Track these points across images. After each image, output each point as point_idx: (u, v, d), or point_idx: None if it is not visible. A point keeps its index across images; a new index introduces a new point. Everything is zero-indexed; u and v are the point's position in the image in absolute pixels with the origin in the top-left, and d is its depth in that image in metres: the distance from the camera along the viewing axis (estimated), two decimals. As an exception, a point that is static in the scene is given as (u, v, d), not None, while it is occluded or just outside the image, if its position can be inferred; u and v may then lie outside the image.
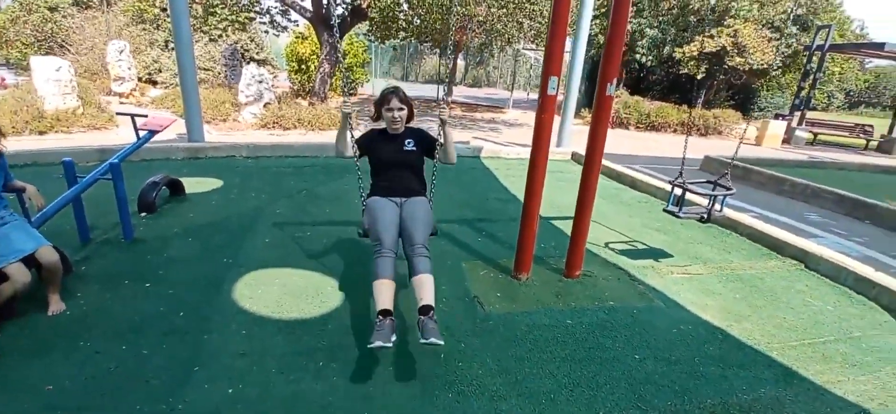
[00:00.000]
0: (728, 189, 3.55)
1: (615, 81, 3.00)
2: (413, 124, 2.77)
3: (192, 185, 4.71)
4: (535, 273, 3.26)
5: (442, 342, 2.03)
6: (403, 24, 13.12)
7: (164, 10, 14.64)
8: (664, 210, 3.62)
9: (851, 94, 33.43)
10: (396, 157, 2.64)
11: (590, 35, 8.71)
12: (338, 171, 5.80)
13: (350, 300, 2.78)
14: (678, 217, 3.49)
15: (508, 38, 13.55)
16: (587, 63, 13.84)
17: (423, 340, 2.02)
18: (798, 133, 14.15)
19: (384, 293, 2.18)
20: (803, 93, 14.65)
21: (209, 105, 9.04)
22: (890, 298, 3.14)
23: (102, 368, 2.07)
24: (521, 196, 5.34)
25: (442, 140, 2.66)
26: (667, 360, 2.42)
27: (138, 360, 2.14)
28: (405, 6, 10.72)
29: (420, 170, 2.73)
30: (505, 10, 11.29)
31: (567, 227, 4.29)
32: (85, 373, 2.03)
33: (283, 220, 4.04)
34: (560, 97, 6.81)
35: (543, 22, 12.84)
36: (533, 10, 11.24)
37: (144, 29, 14.79)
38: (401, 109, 2.60)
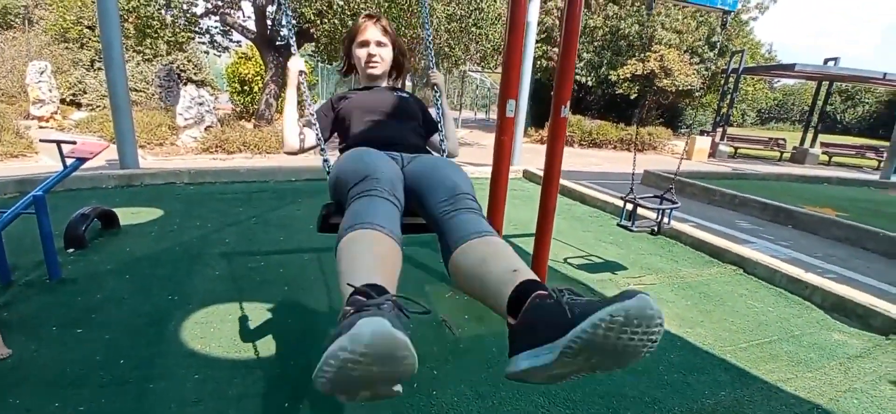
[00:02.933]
0: (673, 202, 3.76)
1: (568, 104, 3.11)
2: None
3: (127, 215, 4.34)
4: (501, 292, 3.26)
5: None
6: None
7: (90, 28, 13.66)
8: (618, 224, 3.77)
9: (762, 111, 37.04)
10: (389, 104, 1.73)
11: (534, 58, 9.08)
12: (290, 196, 5.58)
13: (311, 333, 2.64)
14: (631, 231, 3.65)
15: (455, 61, 13.83)
16: (531, 85, 14.44)
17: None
18: (721, 147, 15.42)
19: (371, 260, 0.98)
20: (723, 111, 16.06)
21: (143, 128, 8.46)
22: (823, 296, 3.43)
23: (29, 430, 1.81)
24: (478, 215, 5.41)
25: (439, 115, 1.79)
26: (633, 371, 2.48)
27: (73, 418, 1.90)
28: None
29: (422, 136, 1.79)
30: (450, 34, 11.53)
31: (526, 243, 4.37)
32: (7, 439, 1.76)
33: (233, 250, 3.80)
34: (510, 117, 7.05)
35: (488, 46, 13.24)
36: (479, 34, 11.56)
37: (67, 48, 13.71)
38: (381, 44, 1.76)
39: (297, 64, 1.71)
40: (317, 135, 1.65)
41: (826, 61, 15.04)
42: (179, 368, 2.25)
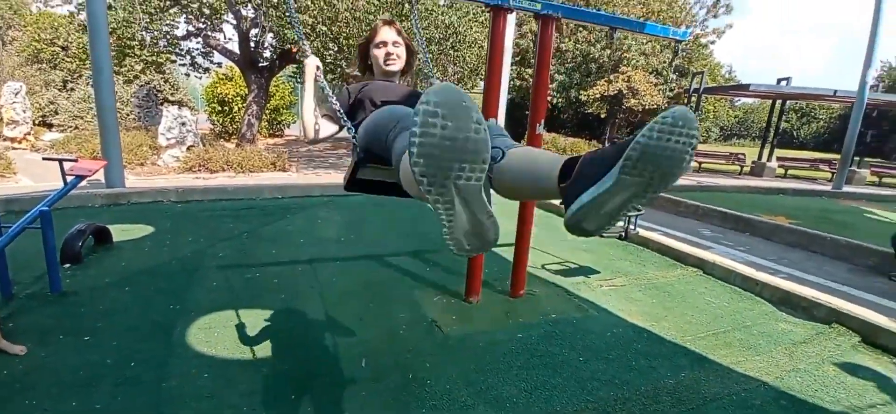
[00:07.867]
0: (637, 209, 4.12)
1: (543, 122, 3.44)
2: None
3: (119, 232, 4.43)
4: (484, 295, 3.52)
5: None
6: (331, 66, 13.30)
7: (64, 48, 13.52)
8: (590, 231, 4.10)
9: (725, 128, 38.87)
10: (401, 93, 1.86)
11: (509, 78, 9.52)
12: (278, 212, 5.74)
13: (312, 333, 2.84)
14: (602, 236, 3.98)
15: (432, 83, 14.21)
16: (506, 104, 14.99)
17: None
18: (688, 162, 16.20)
19: None
20: (689, 128, 16.90)
21: (124, 148, 8.43)
22: (771, 292, 3.82)
23: (55, 425, 1.96)
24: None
25: None
26: (605, 358, 2.77)
27: None
28: (334, 48, 10.92)
29: None
30: (431, 55, 11.93)
31: (504, 251, 4.65)
32: (36, 432, 1.91)
33: (228, 263, 3.95)
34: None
35: (466, 68, 13.70)
36: (457, 57, 12.00)
37: (40, 68, 13.50)
38: (397, 43, 1.93)
39: (313, 61, 1.82)
40: (337, 112, 1.74)
41: (779, 81, 16.08)
42: (190, 368, 2.42)
